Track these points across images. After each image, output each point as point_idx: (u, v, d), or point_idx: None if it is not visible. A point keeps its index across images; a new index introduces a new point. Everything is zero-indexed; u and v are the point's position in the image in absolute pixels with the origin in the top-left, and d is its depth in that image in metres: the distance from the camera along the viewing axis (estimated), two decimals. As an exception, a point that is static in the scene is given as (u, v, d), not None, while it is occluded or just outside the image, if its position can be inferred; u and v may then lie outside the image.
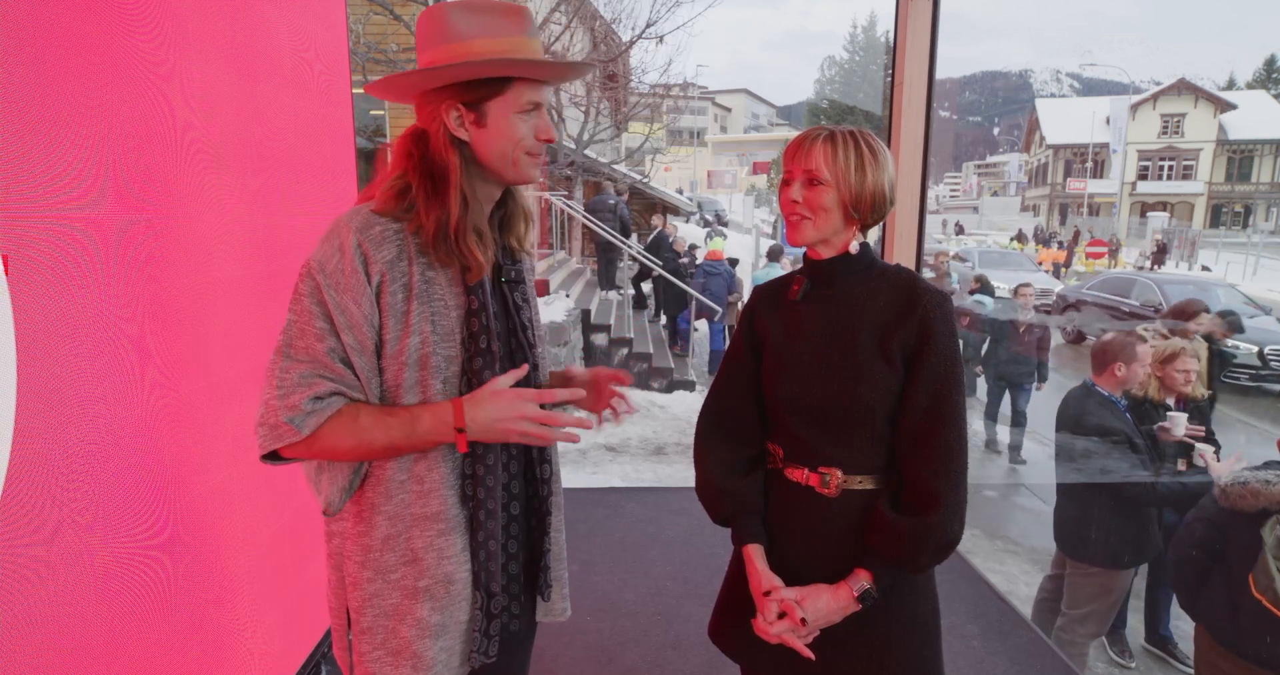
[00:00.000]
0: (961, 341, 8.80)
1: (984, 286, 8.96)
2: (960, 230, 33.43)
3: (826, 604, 1.22)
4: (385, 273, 1.08)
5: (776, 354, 1.32)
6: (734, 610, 1.39)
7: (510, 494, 1.23)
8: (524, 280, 1.27)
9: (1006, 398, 6.67)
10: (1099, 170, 43.26)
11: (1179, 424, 3.18)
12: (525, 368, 1.17)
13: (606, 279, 11.20)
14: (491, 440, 1.13)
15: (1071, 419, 3.31)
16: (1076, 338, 13.37)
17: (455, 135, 1.13)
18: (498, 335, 1.17)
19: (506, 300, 1.23)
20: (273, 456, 1.10)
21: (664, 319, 10.58)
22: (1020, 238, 31.60)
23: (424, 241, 1.10)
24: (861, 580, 1.22)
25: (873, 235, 1.45)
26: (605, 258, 11.32)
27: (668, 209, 17.78)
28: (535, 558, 1.31)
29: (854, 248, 1.29)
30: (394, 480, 1.14)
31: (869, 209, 1.27)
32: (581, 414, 1.28)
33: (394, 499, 1.14)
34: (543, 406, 1.14)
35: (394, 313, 1.09)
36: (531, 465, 1.27)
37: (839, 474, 1.25)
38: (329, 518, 1.21)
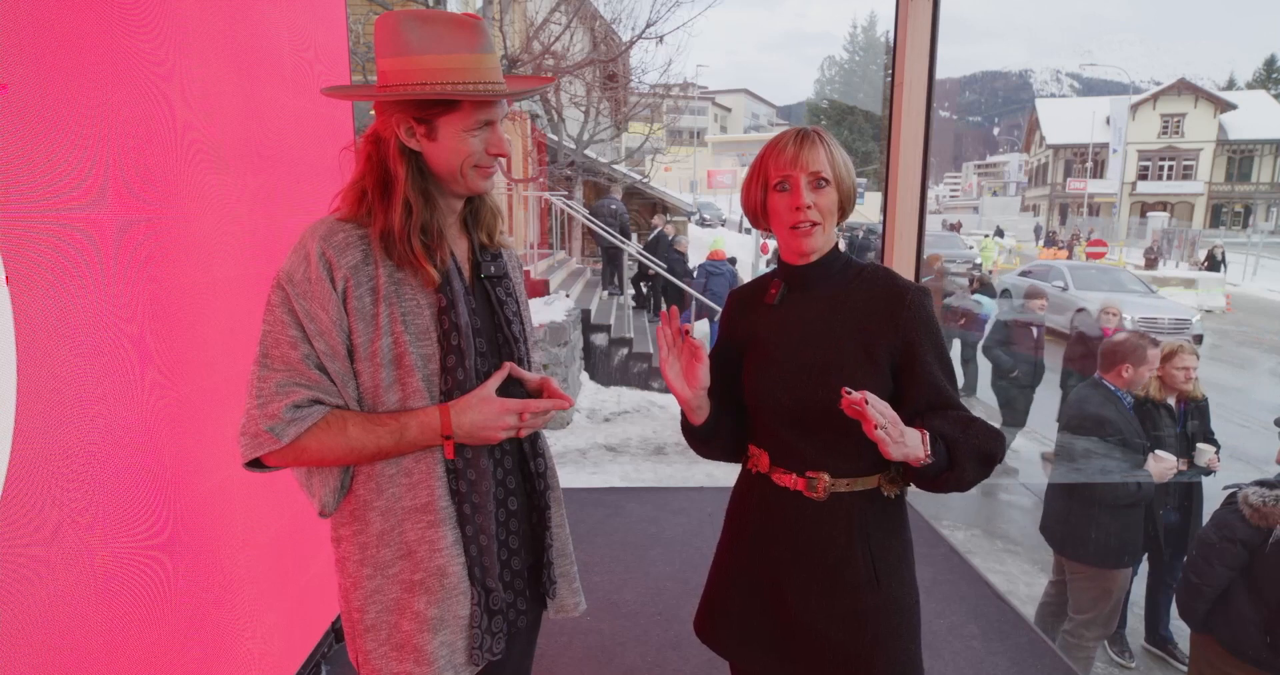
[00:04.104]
0: (959, 341, 8.62)
1: (984, 287, 8.98)
2: (956, 229, 33.02)
3: (909, 430, 1.12)
4: (349, 278, 1.10)
5: (758, 359, 1.32)
6: (720, 607, 1.40)
7: (506, 489, 1.24)
8: (506, 275, 1.28)
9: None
10: (1099, 170, 43.24)
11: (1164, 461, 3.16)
12: (507, 367, 1.20)
13: (611, 281, 11.26)
14: (476, 444, 1.17)
15: (1074, 408, 3.32)
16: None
17: (407, 145, 1.14)
18: (477, 332, 1.19)
19: (489, 296, 1.24)
20: (257, 465, 1.13)
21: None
22: (999, 233, 29.78)
23: (378, 246, 1.13)
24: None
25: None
26: (608, 260, 11.41)
27: (668, 209, 17.78)
28: (539, 555, 1.31)
29: (843, 244, 1.30)
30: (384, 474, 1.16)
31: (851, 205, 1.29)
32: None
33: (385, 493, 1.16)
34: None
35: (362, 316, 1.11)
36: (525, 460, 1.28)
37: (826, 478, 1.25)
38: (331, 522, 1.22)
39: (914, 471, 1.18)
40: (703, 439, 1.35)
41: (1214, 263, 20.46)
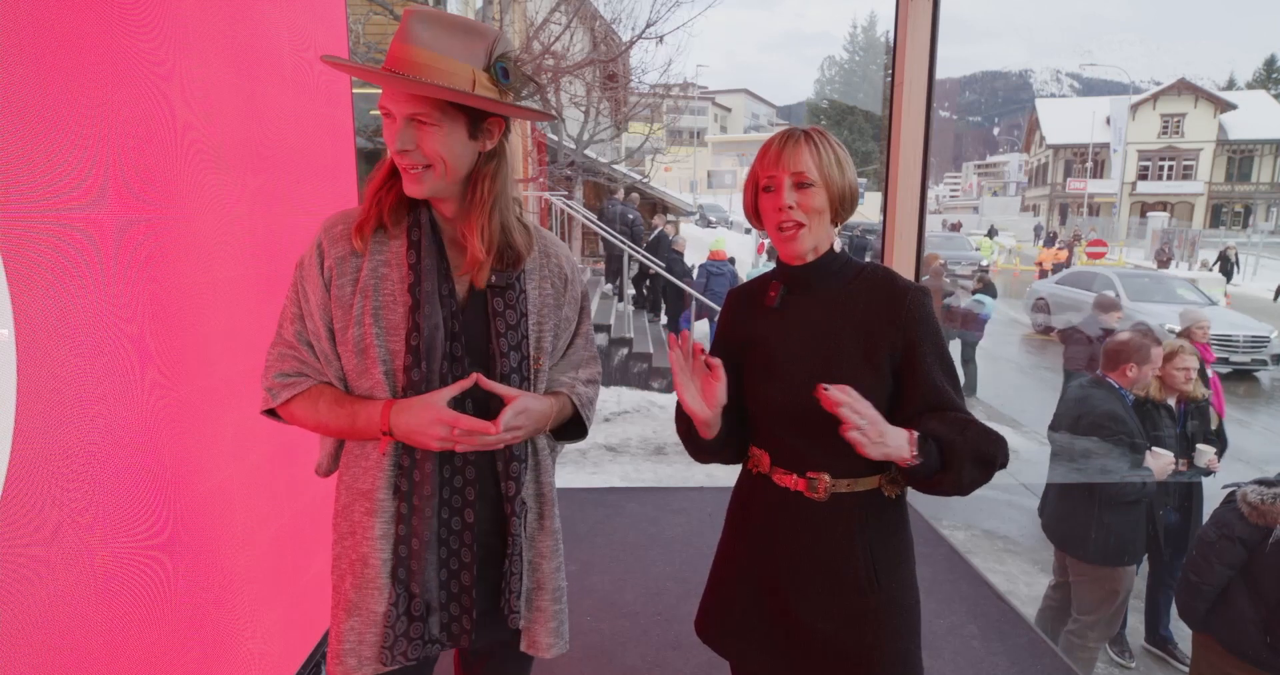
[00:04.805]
0: (959, 340, 8.61)
1: (986, 287, 8.98)
2: (956, 229, 32.88)
3: (891, 429, 1.12)
4: (334, 268, 1.19)
5: (758, 361, 1.31)
6: (720, 607, 1.40)
7: (464, 500, 1.21)
8: (512, 286, 1.24)
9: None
10: (1099, 170, 43.21)
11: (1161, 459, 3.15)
12: (473, 378, 1.17)
13: (613, 282, 11.29)
14: (414, 445, 1.17)
15: (1075, 407, 3.30)
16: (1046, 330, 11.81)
17: None
18: (454, 336, 1.19)
19: (487, 305, 1.22)
20: (275, 416, 1.27)
21: (664, 319, 10.60)
22: (991, 233, 29.08)
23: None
24: (917, 435, 1.15)
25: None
26: (613, 261, 11.46)
27: (668, 209, 17.77)
28: (493, 579, 1.26)
29: (838, 245, 1.29)
30: (352, 453, 1.25)
31: (851, 205, 1.27)
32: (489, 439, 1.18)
33: (350, 471, 1.24)
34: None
35: (341, 304, 1.19)
36: (497, 479, 1.24)
37: (827, 479, 1.25)
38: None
39: (907, 473, 1.18)
40: (712, 450, 1.33)
41: (1226, 264, 19.49)
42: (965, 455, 1.16)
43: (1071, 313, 11.46)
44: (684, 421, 1.35)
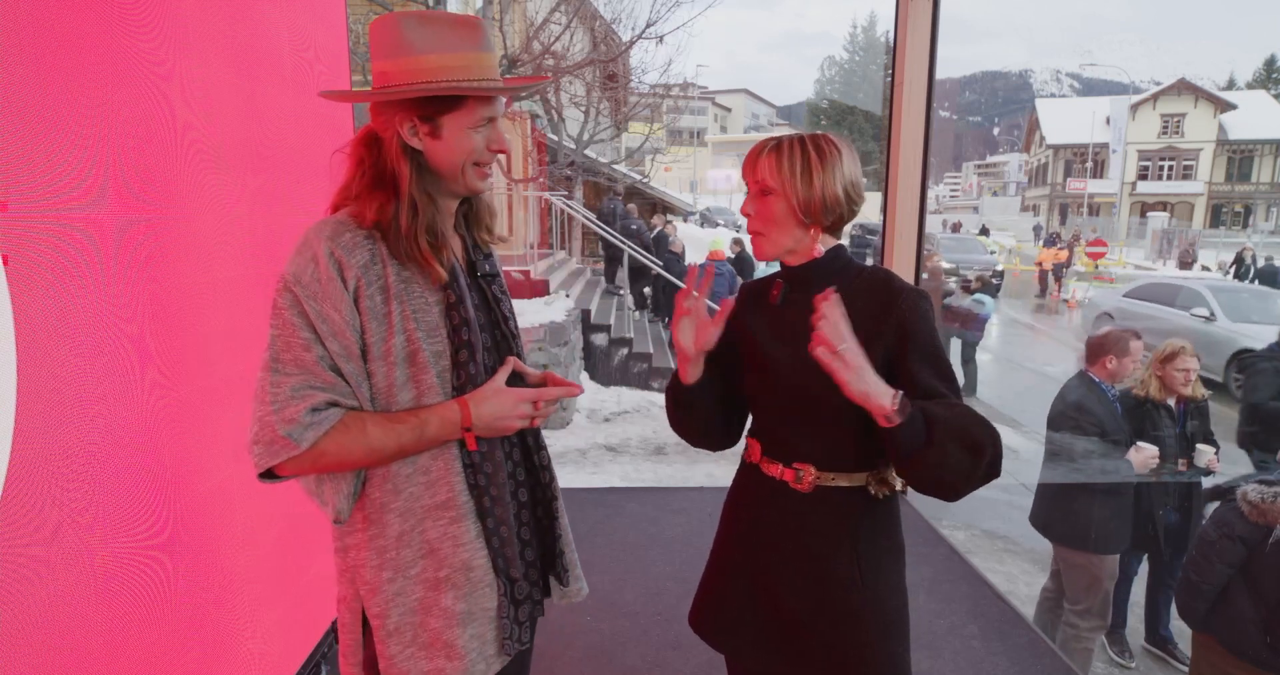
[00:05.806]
0: (960, 340, 8.58)
1: (985, 286, 8.99)
2: (956, 229, 32.84)
3: (875, 375, 1.11)
4: (360, 277, 1.10)
5: (755, 354, 1.34)
6: (715, 602, 1.41)
7: (516, 482, 1.26)
8: (498, 273, 1.31)
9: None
10: (1099, 170, 43.22)
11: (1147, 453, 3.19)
12: (511, 361, 1.23)
13: (611, 281, 11.33)
14: (493, 436, 1.18)
15: (1057, 401, 3.40)
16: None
17: (409, 144, 1.14)
18: (482, 327, 1.21)
19: (485, 294, 1.26)
20: (269, 476, 1.11)
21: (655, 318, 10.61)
22: (984, 232, 28.47)
23: (383, 245, 1.13)
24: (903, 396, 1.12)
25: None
26: (612, 261, 11.48)
27: (668, 208, 17.77)
28: (548, 544, 1.33)
29: (819, 251, 1.29)
30: (400, 475, 1.15)
31: (821, 211, 1.25)
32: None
33: (403, 494, 1.15)
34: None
35: (374, 315, 1.11)
36: (529, 453, 1.30)
37: (813, 470, 1.27)
38: (335, 532, 1.20)
39: (893, 448, 1.14)
40: (686, 404, 1.37)
41: (1242, 266, 18.49)
42: (951, 432, 1.12)
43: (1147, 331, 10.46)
44: (673, 382, 1.39)
